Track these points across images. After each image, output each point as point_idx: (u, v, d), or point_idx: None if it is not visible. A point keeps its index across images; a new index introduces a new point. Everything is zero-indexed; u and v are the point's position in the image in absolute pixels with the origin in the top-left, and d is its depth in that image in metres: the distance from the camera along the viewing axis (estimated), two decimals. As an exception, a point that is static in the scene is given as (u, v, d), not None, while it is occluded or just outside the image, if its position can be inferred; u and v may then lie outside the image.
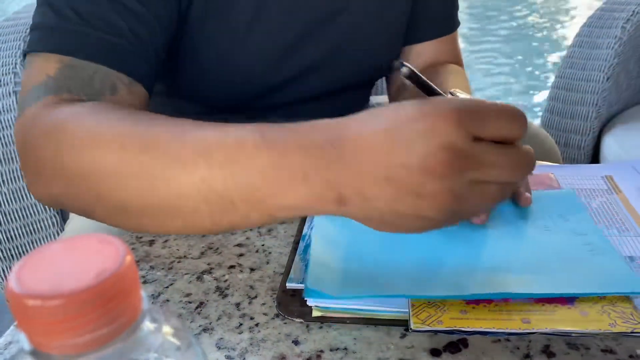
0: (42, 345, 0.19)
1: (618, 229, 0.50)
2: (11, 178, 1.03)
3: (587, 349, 0.38)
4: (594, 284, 0.42)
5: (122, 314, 0.19)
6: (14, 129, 0.53)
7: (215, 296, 0.46)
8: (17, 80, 1.04)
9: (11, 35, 1.09)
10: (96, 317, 0.19)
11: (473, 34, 4.48)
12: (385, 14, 0.76)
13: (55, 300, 0.18)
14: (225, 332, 0.42)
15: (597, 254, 0.45)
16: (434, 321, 0.40)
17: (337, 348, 0.40)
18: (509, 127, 0.38)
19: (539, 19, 4.89)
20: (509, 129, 0.38)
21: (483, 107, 0.38)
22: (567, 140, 1.44)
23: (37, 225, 1.07)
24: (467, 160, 0.36)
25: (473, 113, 0.37)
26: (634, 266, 0.45)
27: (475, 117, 0.37)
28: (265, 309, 0.44)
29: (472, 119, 0.37)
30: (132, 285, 0.20)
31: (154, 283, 0.48)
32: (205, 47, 0.66)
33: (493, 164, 0.37)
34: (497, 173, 0.37)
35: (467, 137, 0.37)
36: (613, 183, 0.56)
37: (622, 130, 1.38)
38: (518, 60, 3.91)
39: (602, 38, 1.39)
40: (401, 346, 0.40)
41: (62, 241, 0.20)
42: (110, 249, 0.20)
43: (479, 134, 0.37)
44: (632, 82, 1.50)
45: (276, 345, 0.40)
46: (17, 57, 1.05)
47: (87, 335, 0.19)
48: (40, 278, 0.19)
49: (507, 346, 0.39)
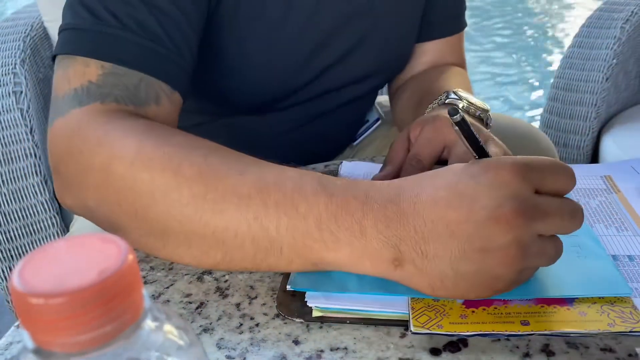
0: (45, 343, 0.19)
1: (617, 228, 0.50)
2: (11, 178, 1.03)
3: (586, 347, 0.39)
4: (581, 286, 0.42)
5: (124, 312, 0.19)
6: (51, 129, 0.51)
7: (216, 296, 0.46)
8: (17, 81, 1.04)
9: (11, 35, 1.09)
10: (99, 315, 0.19)
11: (472, 34, 4.48)
12: (404, 9, 0.76)
13: (58, 298, 0.18)
14: (226, 332, 0.42)
15: (585, 255, 0.45)
16: (434, 325, 0.40)
17: (337, 348, 0.40)
18: (564, 181, 0.39)
19: (538, 20, 4.90)
20: (565, 182, 0.39)
21: (542, 162, 0.39)
22: (567, 141, 1.44)
23: (37, 225, 1.07)
24: (534, 210, 0.37)
25: (533, 167, 0.38)
26: (633, 265, 0.45)
27: (535, 171, 0.38)
28: (266, 309, 0.44)
29: (534, 172, 0.38)
30: (134, 283, 0.20)
31: (154, 283, 0.48)
32: (233, 48, 0.65)
33: (556, 213, 0.38)
34: (560, 222, 0.38)
35: (530, 188, 0.38)
36: (612, 182, 0.57)
37: (621, 130, 1.38)
38: (516, 60, 3.91)
39: (601, 38, 1.39)
40: (401, 346, 0.40)
41: (65, 240, 0.21)
42: (113, 247, 0.20)
43: (540, 187, 0.38)
44: (631, 82, 1.50)
45: (276, 345, 0.40)
46: (17, 58, 1.05)
47: (89, 333, 0.19)
48: (43, 276, 0.19)
49: (506, 345, 0.39)
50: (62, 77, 0.52)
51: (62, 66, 0.52)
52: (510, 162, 0.38)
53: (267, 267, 0.43)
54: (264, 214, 0.40)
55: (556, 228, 0.39)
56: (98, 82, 0.50)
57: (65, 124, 0.49)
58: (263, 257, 0.42)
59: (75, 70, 0.51)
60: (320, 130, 0.79)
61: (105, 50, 0.51)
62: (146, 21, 0.52)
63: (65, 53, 0.52)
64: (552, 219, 0.38)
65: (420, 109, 0.68)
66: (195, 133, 0.49)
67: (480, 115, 0.61)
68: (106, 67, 0.51)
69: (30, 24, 1.13)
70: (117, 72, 0.51)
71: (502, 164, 0.38)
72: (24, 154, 1.04)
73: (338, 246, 0.40)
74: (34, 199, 1.05)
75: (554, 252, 0.39)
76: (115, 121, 0.48)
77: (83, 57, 0.51)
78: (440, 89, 0.69)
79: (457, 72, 0.79)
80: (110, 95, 0.50)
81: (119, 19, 0.52)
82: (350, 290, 0.43)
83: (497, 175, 0.37)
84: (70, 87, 0.51)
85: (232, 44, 0.65)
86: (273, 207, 0.40)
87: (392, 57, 0.79)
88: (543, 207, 0.38)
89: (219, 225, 0.41)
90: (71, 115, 0.49)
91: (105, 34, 0.51)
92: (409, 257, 0.38)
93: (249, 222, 0.41)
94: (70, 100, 0.50)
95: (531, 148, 0.84)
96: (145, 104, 0.52)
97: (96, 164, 0.46)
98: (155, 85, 0.53)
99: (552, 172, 0.39)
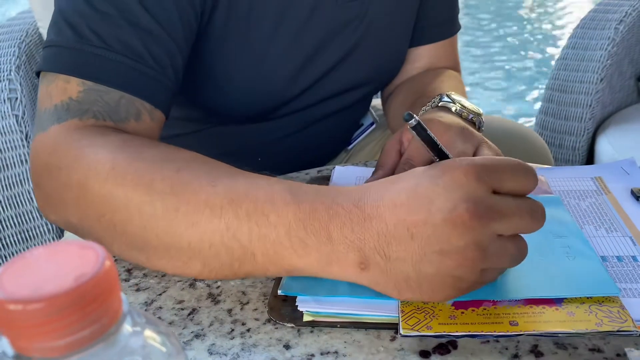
0: (24, 349, 0.19)
1: (606, 229, 0.50)
2: (7, 185, 1.04)
3: (574, 348, 0.39)
4: (569, 286, 0.42)
5: (101, 316, 0.20)
6: (32, 144, 0.52)
7: (208, 302, 0.46)
8: (12, 87, 1.04)
9: (6, 42, 1.10)
10: (76, 319, 0.19)
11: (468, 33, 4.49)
12: (398, 15, 0.76)
13: (35, 304, 0.19)
14: (217, 337, 0.42)
15: (574, 256, 0.46)
16: (423, 327, 0.40)
17: (328, 352, 0.40)
18: (524, 181, 0.39)
19: (532, 21, 4.91)
20: (524, 183, 0.39)
21: (499, 163, 0.39)
22: (562, 142, 1.44)
23: (34, 232, 1.07)
24: (490, 211, 0.37)
25: (491, 167, 0.38)
26: (621, 265, 0.45)
27: (493, 171, 0.38)
28: (257, 315, 0.44)
29: (491, 173, 0.38)
30: (112, 288, 0.20)
31: (147, 290, 0.48)
32: (223, 65, 0.65)
33: (514, 213, 0.38)
34: (519, 222, 0.38)
35: (487, 189, 0.38)
36: (602, 184, 0.57)
37: (616, 131, 1.38)
38: (512, 60, 3.92)
39: (596, 39, 1.40)
40: (391, 349, 0.40)
41: (44, 247, 0.21)
42: (90, 254, 0.20)
43: (498, 187, 0.38)
44: (626, 83, 1.50)
45: (267, 350, 0.41)
46: (12, 64, 1.05)
47: (67, 338, 0.19)
48: (21, 283, 0.19)
49: (495, 347, 0.39)
50: (45, 93, 0.53)
51: (46, 82, 0.53)
52: (466, 163, 0.38)
53: (246, 274, 0.43)
54: (236, 224, 0.41)
55: (515, 227, 0.38)
56: (78, 99, 0.51)
57: (45, 140, 0.50)
58: (239, 265, 0.42)
59: (57, 86, 0.52)
60: (314, 137, 0.79)
61: (86, 69, 0.52)
62: (130, 41, 0.53)
63: (47, 70, 0.53)
64: (510, 218, 0.38)
65: (413, 112, 0.68)
66: (188, 141, 0.49)
67: (472, 119, 0.62)
68: (87, 84, 0.51)
69: (26, 30, 1.14)
70: (98, 89, 0.51)
71: (458, 165, 0.38)
72: (19, 161, 1.04)
73: (307, 252, 0.40)
74: (30, 205, 1.05)
75: (516, 252, 0.39)
76: (91, 137, 0.48)
77: (65, 75, 0.52)
78: (433, 91, 0.69)
79: (451, 76, 0.79)
80: (88, 112, 0.51)
81: (102, 38, 0.52)
82: (340, 293, 0.43)
83: (452, 177, 0.38)
84: (51, 103, 0.52)
85: (222, 62, 0.65)
86: (244, 217, 0.41)
87: (386, 63, 0.79)
88: (499, 207, 0.37)
89: (193, 237, 0.42)
90: (50, 131, 0.50)
91: (87, 53, 0.52)
92: (373, 261, 0.39)
93: (221, 233, 0.41)
94: (50, 116, 0.51)
95: (525, 149, 0.84)
96: (125, 120, 0.52)
97: (73, 180, 0.46)
98: (137, 103, 0.53)
99: (511, 172, 0.39)
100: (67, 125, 0.50)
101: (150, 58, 0.54)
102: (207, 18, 0.61)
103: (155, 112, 0.55)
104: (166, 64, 0.55)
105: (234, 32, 0.63)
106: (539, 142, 0.87)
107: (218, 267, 0.43)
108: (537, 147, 0.86)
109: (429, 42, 0.82)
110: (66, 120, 0.50)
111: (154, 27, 0.54)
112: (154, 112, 0.54)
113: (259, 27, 0.64)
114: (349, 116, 0.83)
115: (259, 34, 0.65)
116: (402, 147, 0.58)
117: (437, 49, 0.83)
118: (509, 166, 0.39)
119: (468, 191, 0.37)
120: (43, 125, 0.51)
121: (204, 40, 0.63)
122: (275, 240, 0.40)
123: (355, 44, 0.72)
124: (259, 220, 0.41)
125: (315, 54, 0.70)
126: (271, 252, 0.41)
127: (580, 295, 0.41)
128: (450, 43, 0.84)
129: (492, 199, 0.38)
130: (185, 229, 0.42)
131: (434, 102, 0.64)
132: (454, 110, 0.61)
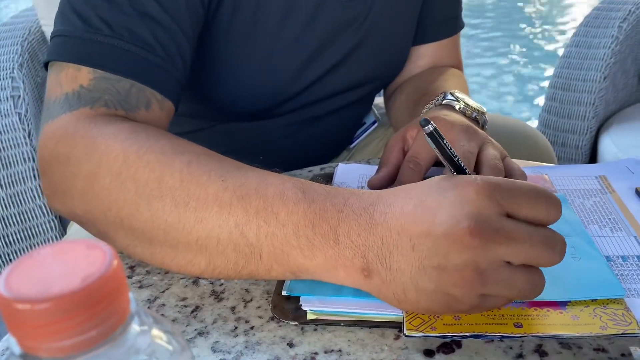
0: (32, 349, 0.19)
1: (611, 228, 0.50)
2: (9, 182, 1.04)
3: (579, 348, 0.39)
4: (575, 289, 0.42)
5: (109, 316, 0.19)
6: (42, 132, 0.51)
7: (211, 300, 0.46)
8: (15, 85, 1.04)
9: (8, 40, 1.10)
10: (83, 320, 0.19)
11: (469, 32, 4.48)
12: (401, 13, 0.76)
13: (43, 304, 0.19)
14: (221, 335, 0.42)
15: (579, 257, 0.45)
16: (427, 327, 0.40)
17: (332, 350, 0.40)
18: (544, 210, 0.37)
19: (536, 21, 4.90)
20: (544, 212, 0.37)
21: (517, 186, 0.37)
22: (565, 140, 1.44)
23: (36, 229, 1.07)
24: (495, 233, 0.35)
25: (506, 189, 0.36)
26: (626, 265, 0.45)
27: (508, 193, 0.36)
28: (261, 312, 0.44)
29: (505, 194, 0.36)
30: (119, 288, 0.20)
31: (150, 287, 0.48)
32: (229, 59, 0.65)
33: (524, 240, 0.35)
34: (529, 251, 0.36)
35: (498, 210, 0.36)
36: (606, 183, 0.57)
37: (619, 129, 1.38)
38: (513, 60, 3.91)
39: (599, 37, 1.39)
40: (395, 347, 0.40)
41: (51, 246, 0.21)
42: (98, 253, 0.20)
43: (513, 211, 0.36)
44: (629, 81, 1.50)
45: (271, 347, 0.41)
46: (15, 62, 1.05)
47: (75, 338, 0.19)
48: (28, 282, 0.19)
49: (500, 346, 0.39)
50: (55, 82, 0.52)
51: (55, 70, 0.53)
52: (481, 179, 0.37)
53: (248, 275, 0.43)
54: (244, 221, 0.41)
55: (526, 257, 0.36)
56: (89, 87, 0.51)
57: (55, 129, 0.50)
58: (244, 263, 0.42)
59: (67, 75, 0.51)
60: (317, 134, 0.79)
61: (96, 58, 0.51)
62: (139, 30, 0.53)
63: (57, 59, 0.53)
64: (519, 245, 0.35)
65: (417, 110, 0.68)
66: (191, 139, 0.49)
67: (476, 117, 0.61)
68: (98, 72, 0.51)
69: (28, 27, 1.14)
70: (109, 78, 0.51)
71: (472, 181, 0.37)
72: (22, 158, 1.04)
73: (313, 253, 0.40)
74: (32, 203, 1.05)
75: (526, 285, 0.36)
76: (101, 126, 0.48)
77: (75, 64, 0.51)
78: (437, 89, 0.69)
79: (454, 74, 0.79)
80: (100, 100, 0.50)
81: (111, 27, 0.52)
82: (345, 294, 0.43)
83: (462, 191, 0.36)
84: (62, 91, 0.51)
85: (226, 53, 0.65)
86: (253, 214, 0.41)
87: (389, 61, 0.79)
88: (507, 231, 0.35)
89: (201, 232, 0.42)
90: (61, 119, 0.50)
91: (96, 42, 0.52)
92: (375, 268, 0.38)
93: (230, 229, 0.41)
94: (61, 105, 0.51)
95: (528, 148, 0.84)
96: (136, 108, 0.52)
97: (83, 171, 0.46)
98: (147, 92, 0.53)
99: (530, 198, 0.36)
100: (78, 114, 0.50)
101: (159, 48, 0.54)
102: (213, 11, 0.61)
103: (164, 102, 0.55)
104: (175, 54, 0.55)
105: (239, 26, 0.63)
106: (541, 140, 0.87)
107: (222, 265, 0.43)
108: (540, 146, 0.86)
109: (432, 40, 0.82)
110: (78, 108, 0.50)
111: (163, 17, 0.54)
112: (163, 102, 0.54)
113: (264, 22, 0.64)
114: (352, 114, 0.83)
115: (264, 29, 0.64)
116: (405, 144, 0.58)
117: (440, 47, 0.83)
118: (529, 191, 0.37)
119: (475, 208, 0.35)
120: (53, 113, 0.51)
121: (210, 33, 0.63)
122: (284, 238, 0.40)
123: (358, 42, 0.72)
124: (267, 218, 0.40)
125: (319, 51, 0.70)
126: (278, 251, 0.41)
127: (585, 299, 0.41)
128: (453, 41, 0.84)
129: (500, 222, 0.35)
130: (194, 225, 0.42)
131: (437, 100, 0.64)
132: (458, 108, 0.61)
